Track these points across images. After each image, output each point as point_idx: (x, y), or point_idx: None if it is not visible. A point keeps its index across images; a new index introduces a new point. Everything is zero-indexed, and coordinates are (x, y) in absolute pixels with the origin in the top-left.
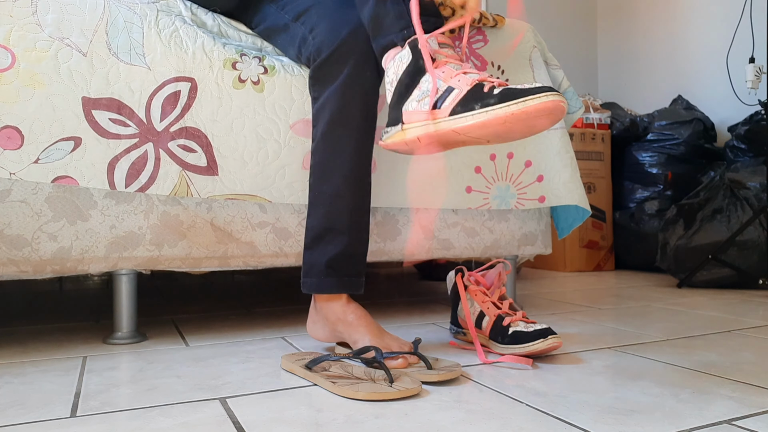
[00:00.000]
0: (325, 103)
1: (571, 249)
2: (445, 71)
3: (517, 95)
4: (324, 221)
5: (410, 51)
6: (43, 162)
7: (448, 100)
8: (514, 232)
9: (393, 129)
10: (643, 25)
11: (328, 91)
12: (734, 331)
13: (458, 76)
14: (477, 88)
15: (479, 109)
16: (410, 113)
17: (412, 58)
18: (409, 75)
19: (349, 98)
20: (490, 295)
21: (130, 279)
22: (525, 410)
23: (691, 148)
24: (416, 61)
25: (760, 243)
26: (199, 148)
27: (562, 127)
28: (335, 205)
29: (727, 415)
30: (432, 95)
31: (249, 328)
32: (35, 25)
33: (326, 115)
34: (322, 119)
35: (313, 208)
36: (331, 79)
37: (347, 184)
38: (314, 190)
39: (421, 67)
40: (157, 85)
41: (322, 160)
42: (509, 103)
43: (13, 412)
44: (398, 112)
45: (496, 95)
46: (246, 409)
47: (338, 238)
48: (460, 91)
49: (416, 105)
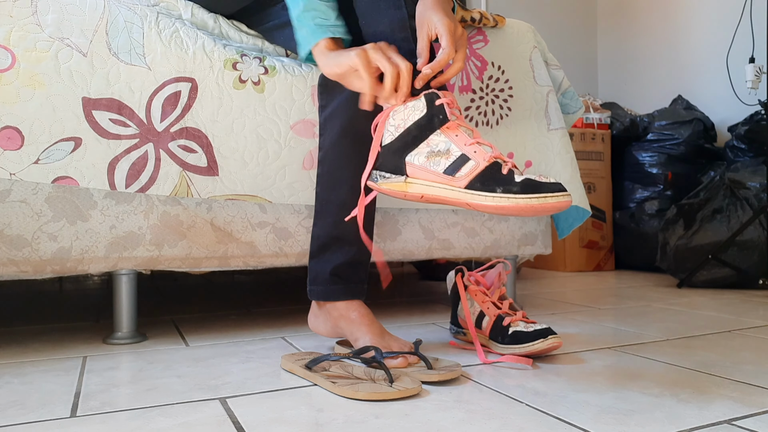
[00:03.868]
0: (334, 113)
1: (571, 249)
2: (458, 135)
3: (539, 189)
4: (331, 231)
5: (426, 104)
6: (44, 162)
7: (464, 170)
8: (514, 232)
9: (395, 177)
10: (643, 25)
11: (337, 101)
12: (734, 331)
13: (473, 146)
14: (495, 167)
15: (500, 194)
16: (416, 168)
17: (427, 113)
18: (420, 128)
19: (358, 109)
20: (490, 295)
21: (130, 279)
22: (525, 410)
23: (691, 148)
24: (431, 116)
25: (760, 243)
26: (200, 149)
27: (562, 127)
28: (342, 216)
29: (727, 415)
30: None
31: (249, 328)
32: (35, 25)
33: (335, 126)
34: (331, 129)
35: (320, 218)
36: (340, 87)
37: (355, 194)
38: (321, 200)
39: (434, 124)
40: (157, 86)
41: (330, 170)
42: (531, 195)
43: (13, 412)
44: (401, 161)
45: (518, 183)
46: (246, 409)
47: (345, 248)
48: (477, 164)
49: (424, 162)
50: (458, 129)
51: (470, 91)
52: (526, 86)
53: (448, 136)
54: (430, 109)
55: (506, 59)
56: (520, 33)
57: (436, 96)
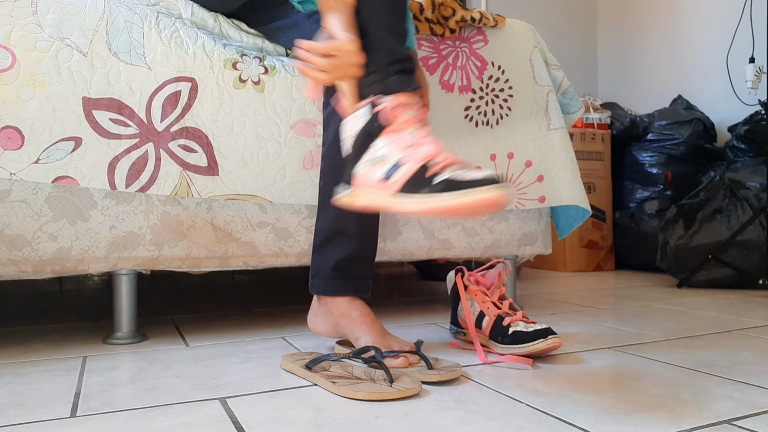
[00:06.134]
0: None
1: (571, 249)
2: (397, 139)
3: (462, 185)
4: (333, 224)
5: (367, 112)
6: (44, 162)
7: (398, 174)
8: (514, 232)
9: (344, 191)
10: (643, 25)
11: None
12: (734, 331)
13: (409, 149)
14: (423, 170)
15: (424, 195)
16: (360, 177)
17: (369, 120)
18: (364, 136)
19: None
20: (490, 295)
21: (130, 279)
22: (525, 410)
23: (691, 148)
24: (371, 123)
25: (760, 243)
26: (200, 148)
27: (562, 126)
28: (344, 210)
29: (727, 415)
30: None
31: (249, 328)
32: (35, 25)
33: (338, 119)
34: (334, 122)
35: (323, 211)
36: None
37: None
38: (324, 194)
39: (374, 130)
40: (157, 85)
41: (333, 164)
42: (453, 194)
43: (13, 412)
44: (350, 174)
45: (441, 183)
46: (246, 409)
47: (347, 242)
48: (410, 167)
49: (366, 170)
50: (399, 133)
51: (470, 91)
52: (527, 86)
53: (387, 141)
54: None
55: (506, 59)
56: (520, 33)
57: (374, 104)
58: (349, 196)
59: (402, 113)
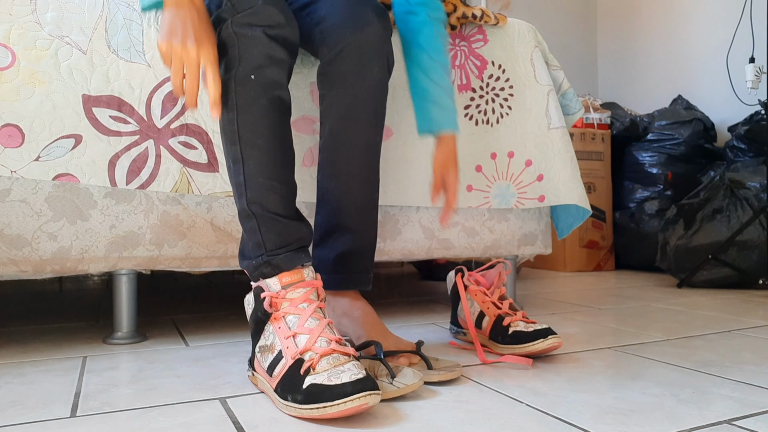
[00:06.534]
0: (333, 101)
1: (571, 249)
2: (281, 327)
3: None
4: (332, 218)
5: (254, 299)
6: (44, 160)
7: (277, 369)
8: (514, 232)
9: (250, 371)
10: (643, 25)
11: (336, 89)
12: (734, 331)
13: (289, 339)
14: (296, 366)
15: (290, 402)
16: (256, 362)
17: (254, 306)
18: (254, 321)
19: (357, 95)
20: (490, 295)
21: (130, 279)
22: (525, 410)
23: (691, 148)
24: (257, 311)
25: (760, 243)
26: (200, 145)
27: (562, 126)
28: (343, 203)
29: (727, 415)
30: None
31: (249, 328)
32: (35, 23)
33: (334, 113)
34: (330, 116)
35: (321, 206)
36: (339, 75)
37: (355, 181)
38: (322, 188)
39: (261, 318)
40: (157, 83)
41: (330, 158)
42: (312, 406)
43: (13, 412)
44: (252, 353)
45: (305, 390)
46: (246, 409)
47: (346, 236)
48: (285, 362)
49: (259, 356)
50: (282, 320)
51: (470, 90)
52: (527, 85)
53: (274, 327)
54: (256, 303)
55: (507, 58)
56: (521, 32)
57: (260, 290)
58: (252, 377)
59: (287, 296)
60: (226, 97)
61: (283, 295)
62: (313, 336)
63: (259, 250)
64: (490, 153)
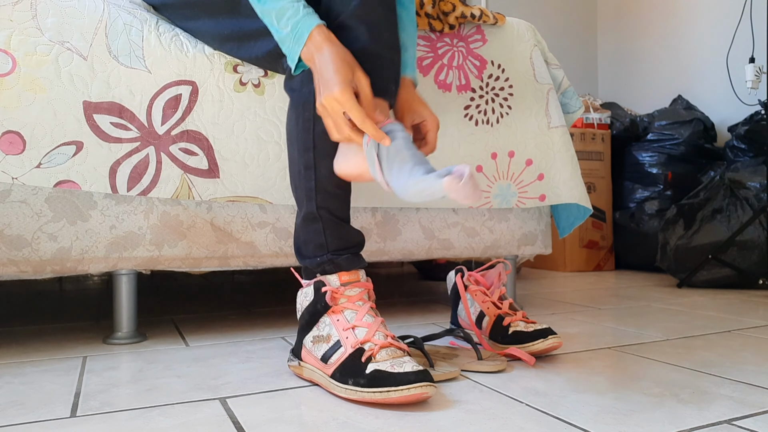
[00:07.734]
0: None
1: (571, 249)
2: (340, 320)
3: (388, 381)
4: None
5: (313, 292)
6: (45, 167)
7: (335, 357)
8: (514, 231)
9: (294, 361)
10: (643, 25)
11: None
12: (734, 331)
13: (348, 331)
14: (356, 354)
15: (351, 386)
16: (306, 352)
17: (313, 300)
18: (310, 313)
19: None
20: (490, 295)
21: (130, 279)
22: (525, 410)
23: (691, 148)
24: (316, 303)
25: (760, 243)
26: (201, 151)
27: (563, 125)
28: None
29: (727, 415)
30: (325, 342)
31: (249, 328)
32: (35, 29)
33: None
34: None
35: None
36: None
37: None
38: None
39: (320, 310)
40: (158, 89)
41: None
42: (375, 390)
43: (13, 412)
44: (300, 345)
45: (368, 375)
46: (246, 409)
47: None
48: (344, 351)
49: (311, 346)
50: (341, 314)
51: (469, 90)
52: (527, 84)
53: (332, 319)
54: (316, 296)
55: (506, 58)
56: (521, 32)
57: (321, 284)
58: (296, 368)
59: (345, 293)
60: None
61: (342, 291)
62: (372, 330)
63: (321, 250)
64: (491, 153)
